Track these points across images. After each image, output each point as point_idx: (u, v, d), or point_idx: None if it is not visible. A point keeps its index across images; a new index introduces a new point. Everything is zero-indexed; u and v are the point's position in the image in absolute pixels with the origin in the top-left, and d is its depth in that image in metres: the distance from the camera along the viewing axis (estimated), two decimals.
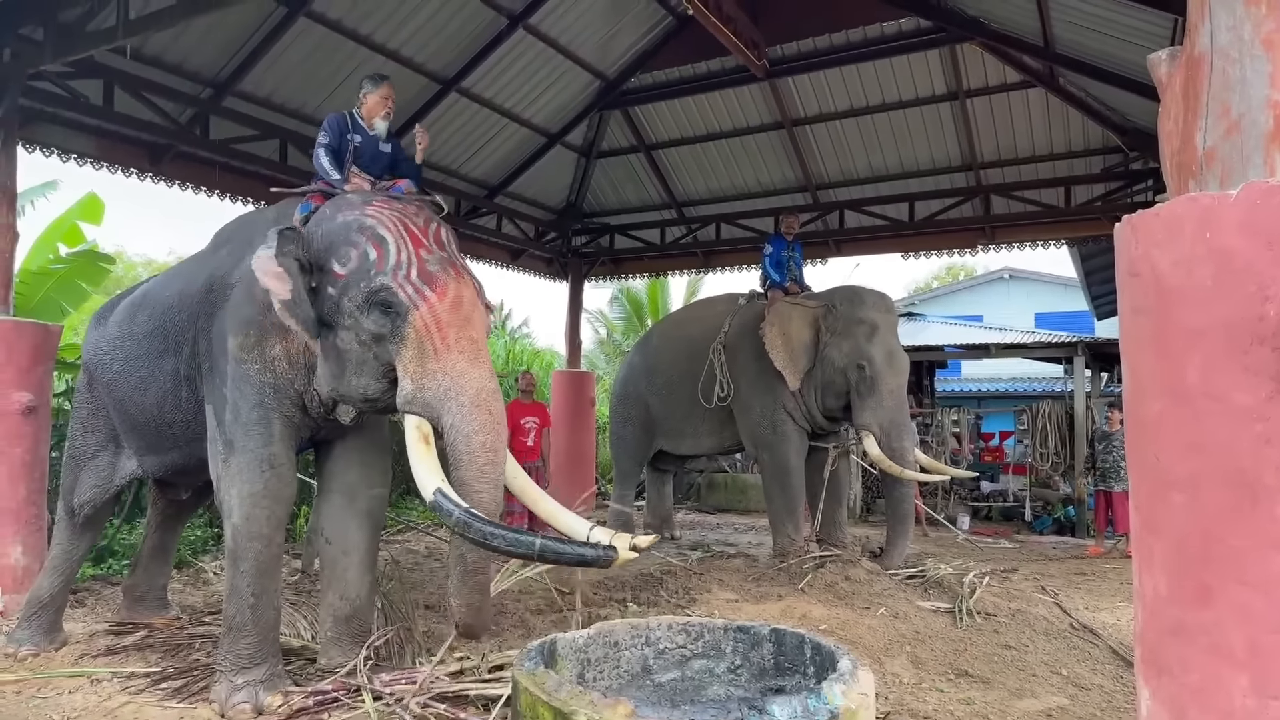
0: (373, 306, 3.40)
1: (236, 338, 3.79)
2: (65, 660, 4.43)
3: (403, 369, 3.38)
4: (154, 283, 4.72)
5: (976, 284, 22.52)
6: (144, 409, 4.37)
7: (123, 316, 4.59)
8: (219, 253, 4.23)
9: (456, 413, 3.29)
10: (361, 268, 3.45)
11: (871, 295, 7.32)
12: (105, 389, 4.61)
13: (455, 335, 3.38)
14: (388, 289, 3.38)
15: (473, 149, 10.01)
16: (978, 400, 16.35)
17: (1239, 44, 1.95)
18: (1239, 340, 1.82)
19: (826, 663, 2.53)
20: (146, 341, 4.31)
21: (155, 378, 4.27)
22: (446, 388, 3.32)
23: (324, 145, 4.09)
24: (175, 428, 4.26)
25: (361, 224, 3.52)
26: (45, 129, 6.82)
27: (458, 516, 3.10)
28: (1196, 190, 2.00)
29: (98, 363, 4.66)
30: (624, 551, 3.06)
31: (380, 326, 3.40)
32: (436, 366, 3.34)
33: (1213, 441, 1.86)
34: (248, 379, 3.76)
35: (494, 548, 3.10)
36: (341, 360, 3.55)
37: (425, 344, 3.35)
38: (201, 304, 4.04)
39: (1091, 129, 9.03)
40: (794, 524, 7.17)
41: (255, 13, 7.17)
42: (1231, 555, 1.83)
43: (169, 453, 4.42)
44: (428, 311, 3.35)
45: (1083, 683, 4.34)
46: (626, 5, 9.00)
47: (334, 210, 3.69)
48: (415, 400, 3.36)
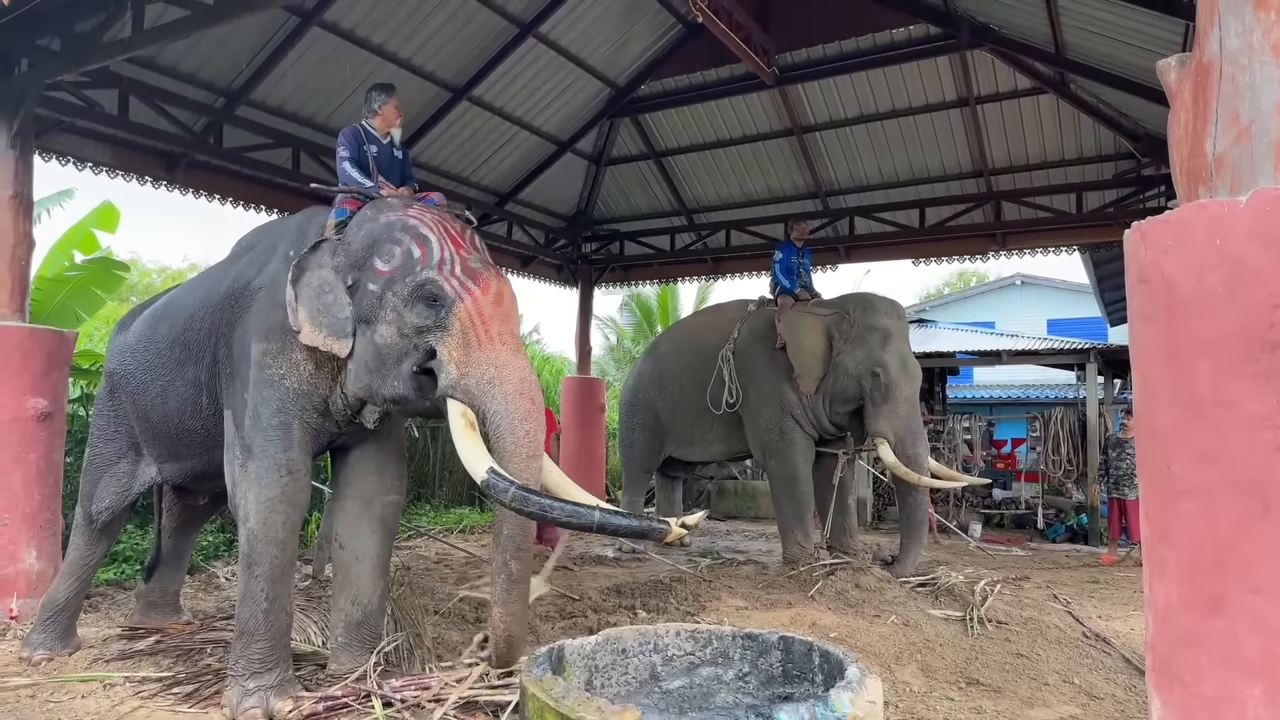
0: (418, 299, 3.52)
1: (261, 343, 3.83)
2: (78, 664, 4.46)
3: (447, 357, 3.48)
4: (175, 292, 4.77)
5: (988, 290, 22.43)
6: (165, 416, 4.41)
7: (145, 326, 4.63)
8: (240, 261, 4.28)
9: (501, 400, 3.40)
10: (406, 264, 3.58)
11: (884, 302, 7.30)
12: (128, 397, 4.64)
13: (498, 328, 3.51)
14: (434, 282, 3.51)
15: (483, 157, 10.06)
16: (989, 407, 16.27)
17: (1248, 50, 1.95)
18: (1250, 347, 1.81)
19: (835, 670, 2.52)
20: (168, 351, 4.35)
21: (176, 386, 4.30)
22: (491, 376, 3.42)
23: (347, 158, 4.22)
24: (195, 435, 4.30)
25: (405, 223, 3.67)
26: (62, 138, 6.91)
27: (514, 493, 3.17)
28: (1207, 197, 1.99)
29: (121, 371, 4.69)
30: (675, 528, 3.18)
31: (425, 319, 3.51)
32: (481, 356, 3.45)
33: (1224, 450, 1.85)
34: (271, 384, 3.79)
35: (554, 518, 3.20)
36: (379, 355, 3.63)
37: (469, 334, 3.46)
38: (223, 311, 4.08)
39: (1103, 135, 9.00)
40: (803, 531, 7.15)
41: (268, 23, 7.25)
42: (1244, 564, 1.82)
43: (189, 459, 4.45)
44: (472, 304, 3.47)
45: (1095, 692, 4.31)
46: (636, 13, 9.03)
47: (376, 211, 3.82)
48: (458, 387, 3.45)
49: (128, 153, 7.42)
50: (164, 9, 5.92)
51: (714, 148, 10.74)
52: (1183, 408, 1.93)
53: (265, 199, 8.53)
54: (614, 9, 8.84)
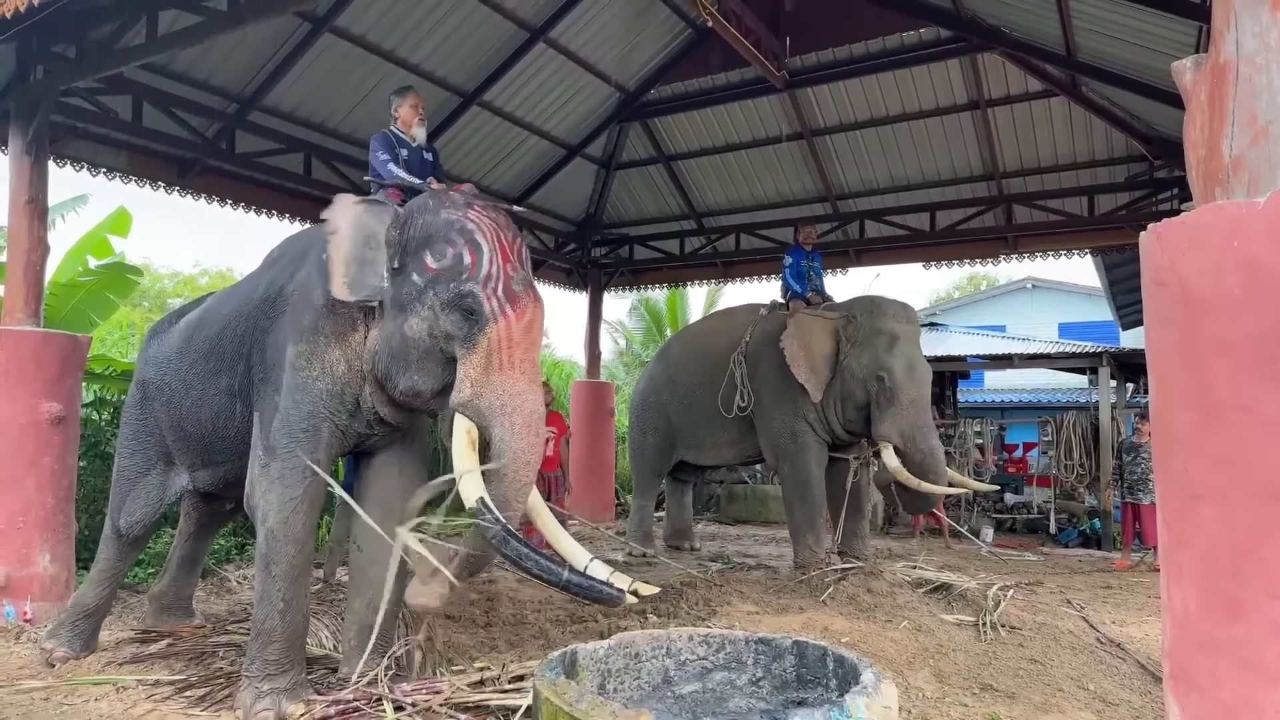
0: (456, 308, 3.54)
1: (296, 345, 3.83)
2: (92, 667, 4.48)
3: (465, 374, 3.51)
4: (211, 301, 4.75)
5: (999, 294, 22.33)
6: (200, 424, 4.42)
7: (181, 336, 4.63)
8: (273, 269, 4.27)
9: (508, 429, 3.44)
10: (454, 268, 3.58)
11: (892, 305, 7.26)
12: (163, 407, 4.63)
13: (521, 355, 3.54)
14: (475, 297, 3.52)
15: (494, 161, 10.09)
16: (1001, 411, 16.18)
17: (1265, 51, 1.93)
18: (1269, 349, 1.80)
19: (849, 675, 2.50)
20: (203, 361, 4.36)
21: (210, 395, 4.31)
22: (503, 404, 3.46)
23: (389, 159, 4.25)
24: (229, 442, 4.32)
25: (463, 226, 3.65)
26: (76, 144, 6.97)
27: (496, 533, 3.26)
28: (1223, 198, 1.98)
29: (158, 381, 4.67)
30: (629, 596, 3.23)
31: (457, 328, 3.54)
32: (498, 381, 3.48)
33: (1242, 453, 1.83)
34: (304, 387, 3.81)
35: (525, 568, 3.28)
36: (404, 345, 3.66)
37: (493, 357, 3.49)
38: (257, 318, 4.08)
39: (1115, 137, 8.96)
40: (815, 536, 7.12)
41: (281, 29, 7.29)
42: (1263, 569, 1.80)
43: (222, 466, 4.47)
44: (504, 328, 3.50)
45: (1110, 698, 4.27)
46: (646, 18, 9.05)
47: (437, 204, 3.77)
48: (469, 406, 3.49)
49: (141, 158, 7.48)
50: (177, 16, 5.97)
51: (723, 152, 10.74)
52: (1200, 410, 1.91)
53: (277, 204, 8.57)
54: (624, 14, 8.86)
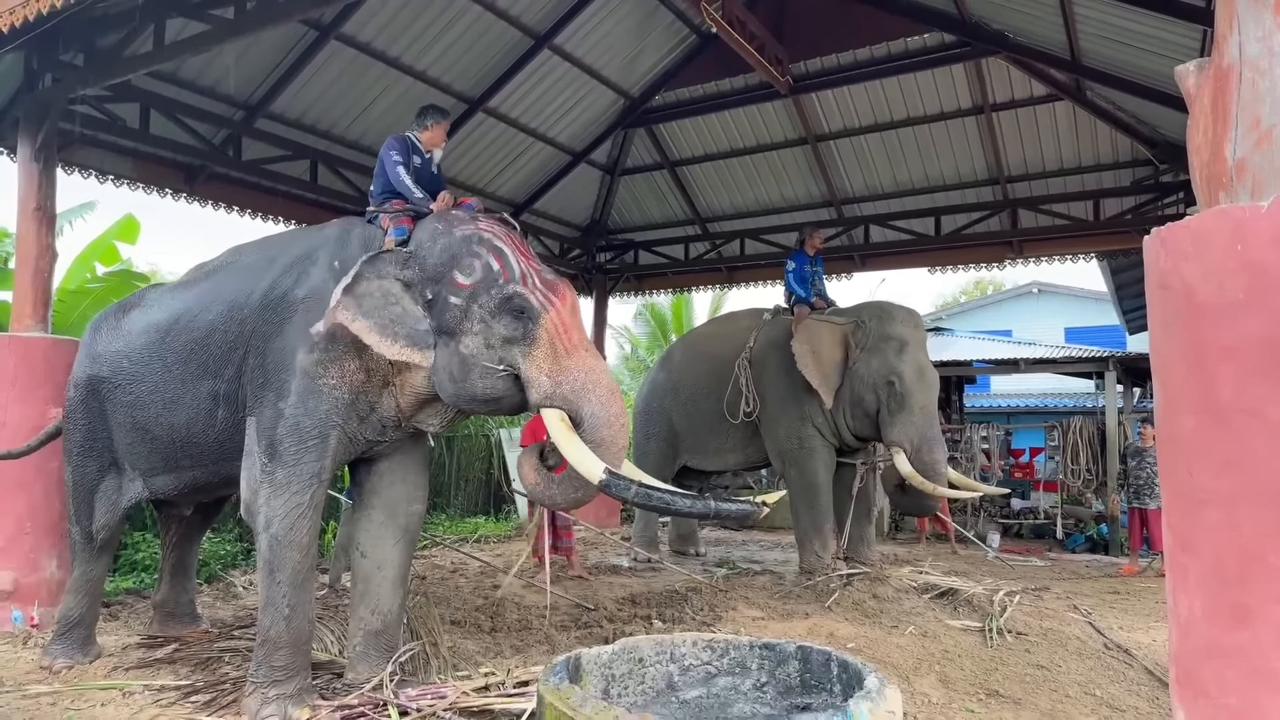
0: (505, 312, 3.66)
1: (311, 353, 3.82)
2: (98, 673, 4.49)
3: (536, 369, 3.62)
4: (181, 302, 4.49)
5: (1005, 298, 22.24)
6: (172, 429, 4.32)
7: (146, 335, 4.47)
8: (269, 273, 4.17)
9: (597, 403, 3.58)
10: (488, 278, 3.71)
11: (900, 311, 7.26)
12: (123, 409, 4.49)
13: (578, 336, 3.72)
14: (521, 295, 3.66)
15: (499, 167, 10.13)
16: (1007, 416, 16.11)
17: (1269, 55, 1.93)
18: (1274, 353, 1.79)
19: (853, 681, 2.50)
20: (181, 365, 4.26)
21: (187, 399, 4.22)
22: (584, 382, 3.60)
23: (402, 164, 4.30)
24: (202, 447, 4.26)
25: (480, 238, 3.82)
26: (84, 151, 7.02)
27: (636, 490, 3.46)
28: (1227, 203, 1.97)
29: (114, 381, 4.52)
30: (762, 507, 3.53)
31: (512, 330, 3.65)
32: (570, 364, 3.63)
33: (1248, 458, 1.83)
34: (319, 394, 3.80)
35: (677, 510, 3.61)
36: (464, 365, 3.72)
37: (556, 344, 3.63)
38: (255, 323, 4.03)
39: (1120, 141, 8.95)
40: (821, 541, 7.10)
41: (287, 36, 7.34)
42: (1270, 574, 1.79)
43: (189, 471, 4.40)
44: (556, 315, 3.66)
45: (1117, 704, 4.25)
46: (651, 24, 9.08)
47: (447, 225, 3.92)
48: (555, 395, 3.60)
49: (148, 165, 7.53)
50: (184, 24, 6.02)
51: (728, 157, 10.76)
52: (1205, 415, 1.91)
53: (283, 210, 8.61)
54: (628, 20, 8.89)
